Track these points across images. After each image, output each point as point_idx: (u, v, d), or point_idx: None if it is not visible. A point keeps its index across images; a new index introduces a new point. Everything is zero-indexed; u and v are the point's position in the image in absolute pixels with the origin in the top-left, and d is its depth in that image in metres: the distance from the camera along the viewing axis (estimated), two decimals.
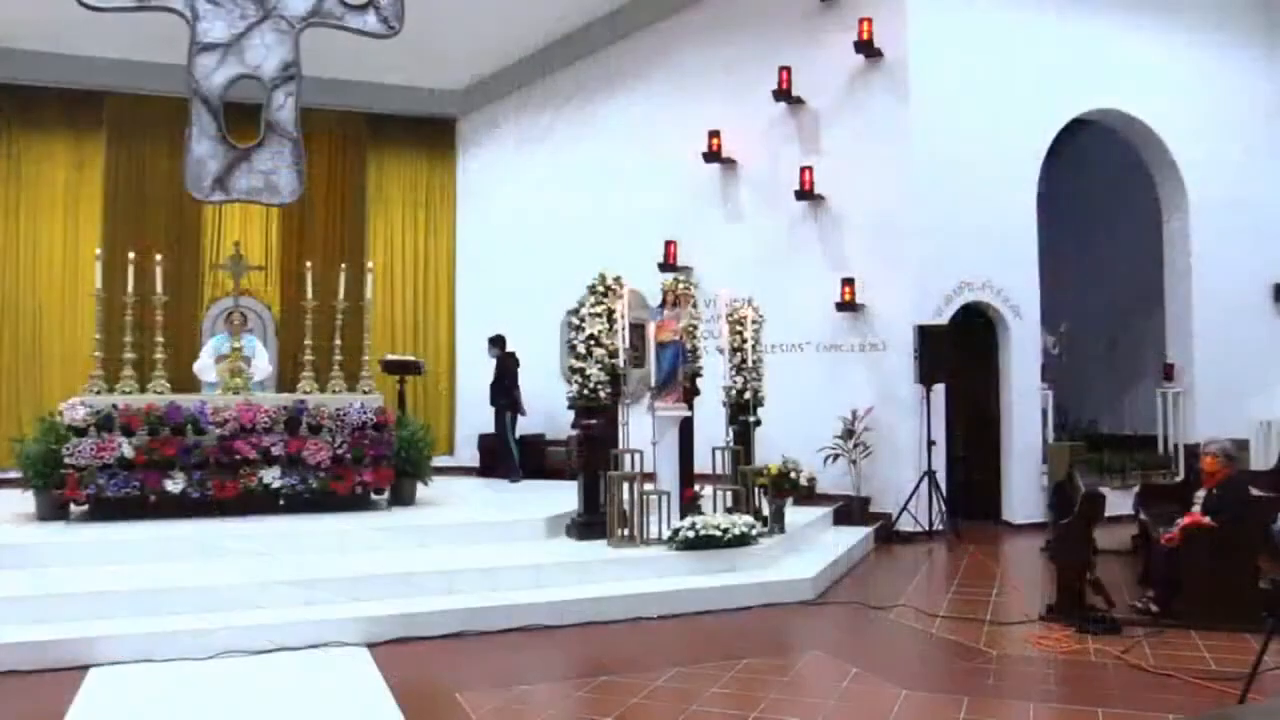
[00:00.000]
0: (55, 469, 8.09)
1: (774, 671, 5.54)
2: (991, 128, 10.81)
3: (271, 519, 8.18)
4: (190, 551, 7.21)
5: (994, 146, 10.82)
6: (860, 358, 10.85)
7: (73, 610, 5.96)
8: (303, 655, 5.78)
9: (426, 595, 6.64)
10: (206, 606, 6.16)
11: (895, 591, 7.66)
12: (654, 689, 5.21)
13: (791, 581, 7.45)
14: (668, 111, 12.39)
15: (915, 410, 10.35)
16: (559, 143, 13.48)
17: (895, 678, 5.38)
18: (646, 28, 12.70)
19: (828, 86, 11.18)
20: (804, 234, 11.31)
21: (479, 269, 14.23)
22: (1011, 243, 10.95)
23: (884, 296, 10.70)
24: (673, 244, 12.05)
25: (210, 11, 8.96)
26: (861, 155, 10.89)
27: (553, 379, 12.21)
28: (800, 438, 10.01)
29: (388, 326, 13.92)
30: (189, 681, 5.32)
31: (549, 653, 6.08)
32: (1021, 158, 11.08)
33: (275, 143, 9.15)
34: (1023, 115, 11.01)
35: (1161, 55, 11.79)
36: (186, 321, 12.73)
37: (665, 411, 8.46)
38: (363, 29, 9.45)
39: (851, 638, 6.47)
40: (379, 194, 14.28)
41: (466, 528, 8.27)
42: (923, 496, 10.15)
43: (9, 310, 12.60)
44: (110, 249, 10.19)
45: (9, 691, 5.19)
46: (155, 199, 13.04)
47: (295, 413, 8.66)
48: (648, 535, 7.81)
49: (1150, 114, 11.76)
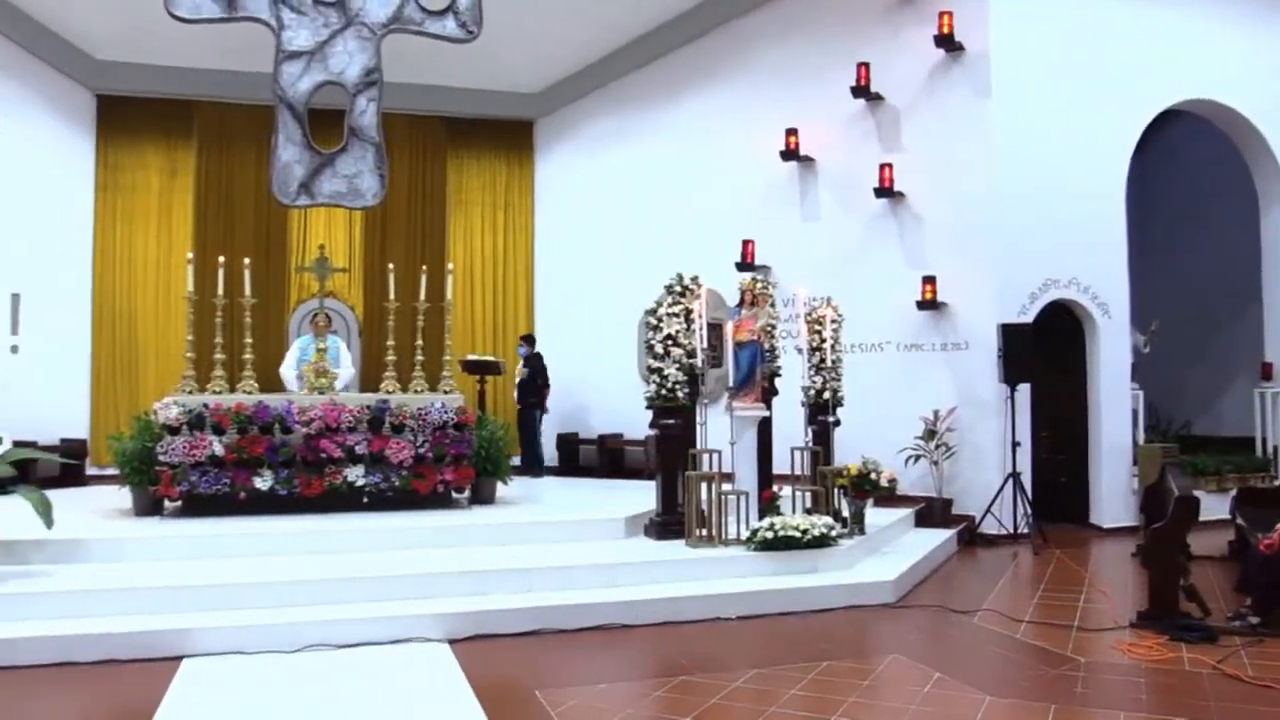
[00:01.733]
0: (150, 466, 8.36)
1: (854, 675, 5.47)
2: (1077, 121, 10.53)
3: (355, 517, 8.33)
4: (278, 547, 7.39)
5: (1080, 140, 10.54)
6: (941, 357, 10.67)
7: (167, 603, 6.15)
8: (386, 650, 5.88)
9: (506, 593, 6.70)
10: (294, 601, 6.30)
11: (979, 595, 7.51)
12: (732, 690, 5.19)
13: (872, 584, 7.35)
14: (745, 110, 12.34)
15: (999, 411, 10.14)
16: (636, 143, 13.51)
17: (978, 683, 5.27)
18: (722, 26, 12.67)
19: (907, 82, 11.02)
20: (883, 232, 11.16)
21: (557, 270, 14.36)
22: (1099, 239, 10.66)
23: (966, 295, 10.51)
24: (750, 243, 12.00)
25: (295, 21, 9.19)
26: (942, 151, 10.72)
27: (630, 379, 12.24)
28: (880, 438, 9.90)
29: (468, 327, 14.13)
30: (277, 674, 5.45)
31: (627, 652, 6.09)
32: (1109, 151, 10.78)
33: (358, 147, 9.34)
34: (1110, 107, 10.72)
35: (1257, 42, 11.37)
36: (273, 323, 13.08)
37: (743, 411, 8.42)
38: (442, 34, 9.59)
39: (933, 642, 6.36)
40: (458, 196, 14.49)
41: (546, 527, 8.33)
42: (1007, 499, 9.94)
43: (107, 313, 13.07)
44: (201, 253, 10.51)
45: (108, 679, 5.38)
46: (243, 204, 13.43)
47: (378, 412, 8.82)
48: (726, 535, 7.78)
49: (1246, 103, 11.36)
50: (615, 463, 13.05)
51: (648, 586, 6.96)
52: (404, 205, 13.93)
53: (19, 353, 12.04)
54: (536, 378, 12.82)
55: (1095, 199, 10.63)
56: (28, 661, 5.52)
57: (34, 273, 12.24)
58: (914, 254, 10.94)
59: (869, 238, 11.27)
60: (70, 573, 6.64)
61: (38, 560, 6.86)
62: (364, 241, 13.90)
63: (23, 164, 12.15)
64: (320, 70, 9.24)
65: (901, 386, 10.73)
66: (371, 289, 13.51)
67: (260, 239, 13.32)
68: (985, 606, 7.10)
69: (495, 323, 14.47)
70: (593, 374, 13.48)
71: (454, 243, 14.34)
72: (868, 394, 10.30)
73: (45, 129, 12.57)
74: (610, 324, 13.07)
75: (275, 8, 9.14)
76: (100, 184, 13.18)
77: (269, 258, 13.21)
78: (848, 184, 11.45)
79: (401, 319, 9.79)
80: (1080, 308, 10.71)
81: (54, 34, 12.41)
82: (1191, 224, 13.38)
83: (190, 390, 8.73)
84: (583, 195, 14.12)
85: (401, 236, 13.96)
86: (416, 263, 10.92)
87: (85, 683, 5.33)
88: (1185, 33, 11.04)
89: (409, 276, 10.03)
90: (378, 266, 12.77)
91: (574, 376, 13.48)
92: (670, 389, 8.13)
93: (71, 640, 5.64)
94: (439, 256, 13.34)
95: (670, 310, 8.22)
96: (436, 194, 14.32)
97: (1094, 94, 10.64)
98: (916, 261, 10.88)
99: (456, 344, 11.28)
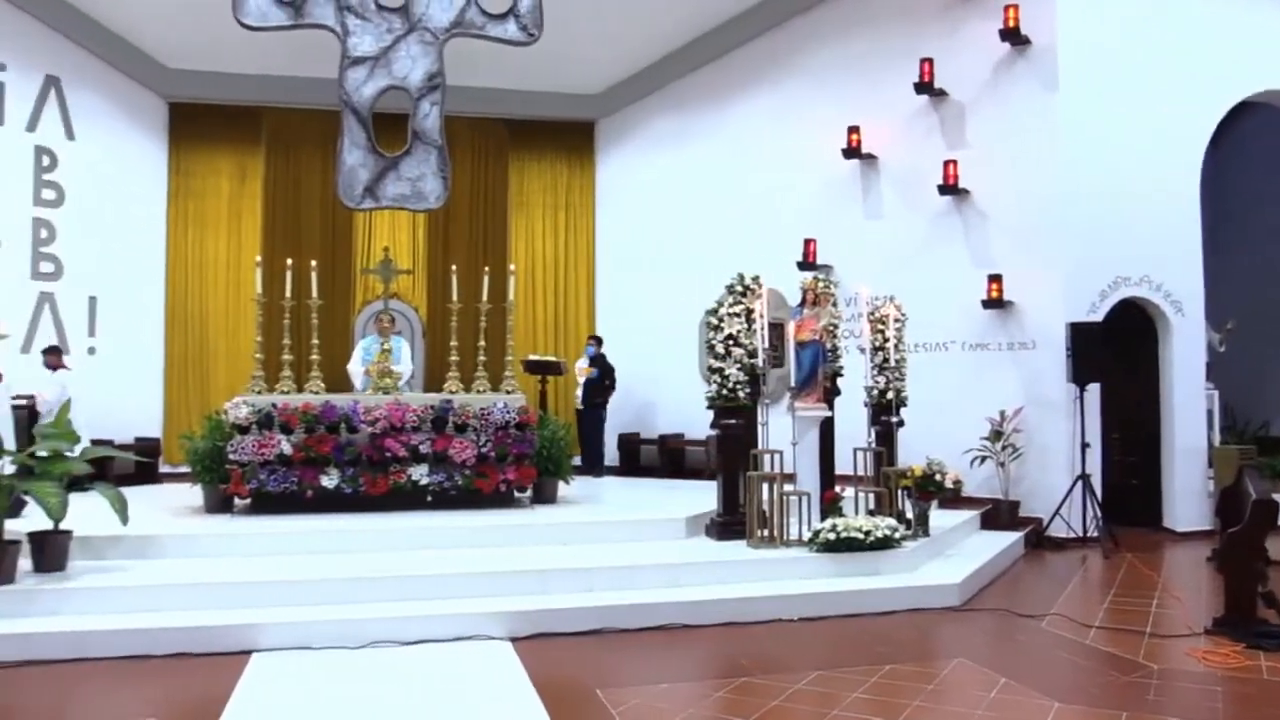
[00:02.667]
0: (221, 465, 8.55)
1: (918, 678, 5.39)
2: (1148, 114, 10.28)
3: (419, 515, 8.43)
4: (344, 545, 7.50)
5: (1151, 134, 10.29)
6: (1008, 357, 10.50)
7: (237, 598, 6.28)
8: (448, 647, 5.93)
9: (568, 592, 6.72)
10: (359, 598, 6.40)
11: (1047, 599, 7.36)
12: (794, 692, 5.15)
13: (936, 586, 7.25)
14: (806, 108, 12.27)
15: (1067, 411, 9.95)
16: (696, 143, 13.50)
17: (1046, 689, 5.16)
18: (782, 25, 12.61)
19: (971, 77, 10.86)
20: (948, 229, 11.01)
21: (618, 269, 14.41)
22: (1172, 235, 10.39)
23: (1033, 293, 10.32)
24: (812, 242, 11.92)
25: (360, 27, 9.33)
26: (1008, 147, 10.54)
27: (691, 379, 12.23)
28: (944, 439, 9.77)
29: (529, 328, 14.24)
30: (342, 669, 5.53)
31: (688, 652, 6.08)
32: (1182, 145, 10.50)
33: (421, 151, 9.47)
34: (1183, 100, 10.44)
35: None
36: (339, 324, 13.31)
37: (805, 412, 8.36)
38: (504, 37, 9.69)
39: (1000, 646, 6.25)
40: (520, 197, 14.60)
41: (607, 526, 8.35)
42: (1076, 501, 9.73)
43: (179, 316, 13.41)
44: (269, 256, 10.72)
45: (180, 672, 5.51)
46: (310, 208, 13.69)
47: (442, 412, 8.91)
48: (787, 536, 7.73)
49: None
50: (676, 463, 13.05)
51: (709, 587, 6.95)
52: (466, 207, 14.08)
53: (96, 354, 12.42)
54: (604, 378, 12.88)
55: (1167, 194, 10.37)
56: (103, 654, 5.67)
57: (110, 277, 12.63)
58: (979, 252, 10.77)
59: (932, 236, 11.13)
60: (144, 568, 6.82)
61: (113, 555, 7.05)
62: (427, 243, 14.08)
63: (100, 172, 12.54)
64: (384, 75, 9.38)
65: (967, 387, 10.58)
66: (435, 290, 13.69)
67: (326, 242, 13.57)
68: (1053, 611, 6.96)
69: (556, 323, 14.56)
70: (654, 374, 13.50)
71: (516, 244, 14.47)
72: (932, 394, 10.16)
73: (121, 137, 12.95)
74: (671, 324, 13.08)
75: (340, 14, 9.30)
76: (172, 190, 13.53)
77: (335, 260, 13.45)
78: (911, 181, 11.32)
79: (464, 320, 9.89)
80: (1152, 306, 10.46)
81: (129, 44, 12.79)
82: (1268, 218, 12.98)
83: (259, 390, 8.90)
84: (643, 195, 14.14)
85: (464, 238, 14.11)
86: (479, 264, 11.04)
87: (158, 675, 5.46)
88: (1258, 23, 10.70)
89: (471, 278, 10.15)
90: (441, 268, 12.94)
91: (635, 376, 13.50)
92: (731, 389, 8.11)
93: (145, 634, 5.79)
94: (501, 258, 13.47)
95: (731, 310, 8.21)
96: (498, 196, 14.45)
97: (1165, 86, 10.38)
98: (982, 260, 10.71)
99: (518, 344, 11.36)
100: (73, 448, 7.11)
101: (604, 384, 12.91)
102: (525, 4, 9.68)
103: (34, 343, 11.51)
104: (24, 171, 11.84)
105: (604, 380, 12.91)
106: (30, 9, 11.78)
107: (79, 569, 6.68)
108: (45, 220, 12.01)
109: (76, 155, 12.32)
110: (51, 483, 6.59)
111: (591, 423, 12.88)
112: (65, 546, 6.70)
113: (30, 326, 11.77)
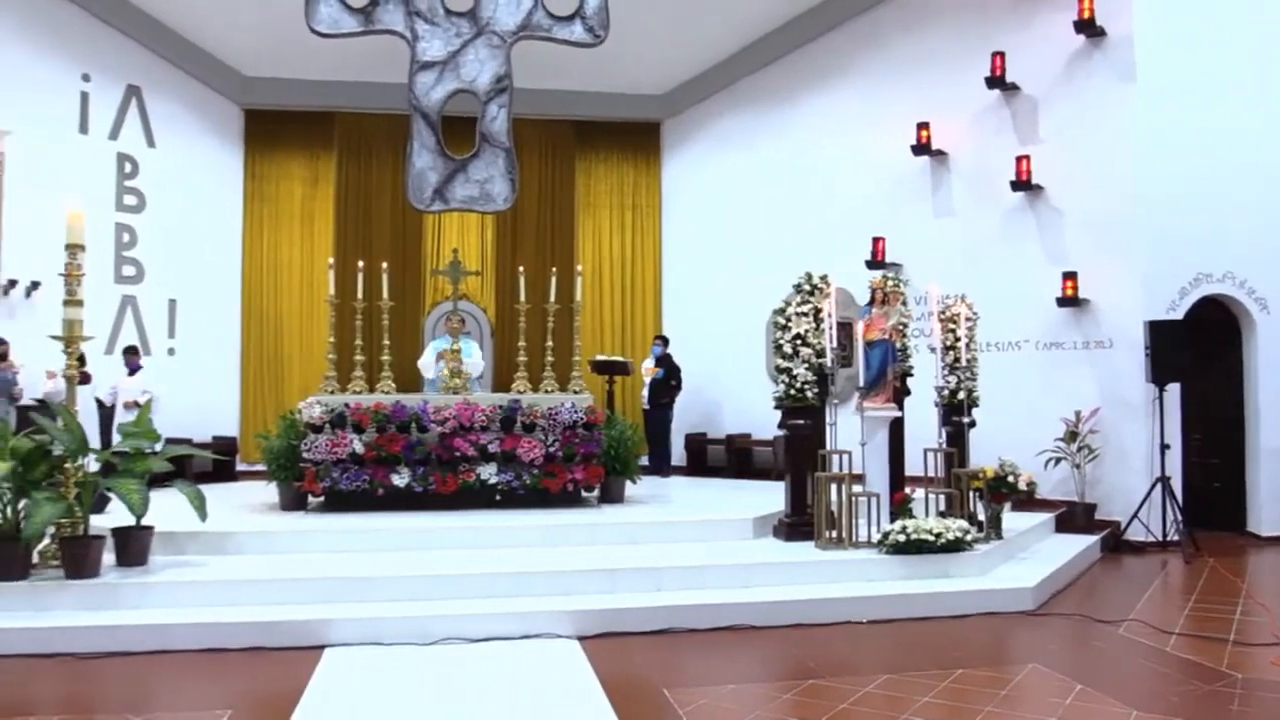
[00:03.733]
0: (295, 463, 8.73)
1: (990, 683, 5.30)
2: (1229, 105, 9.99)
3: (488, 514, 8.50)
4: (415, 543, 7.59)
5: (1233, 126, 9.99)
6: (1083, 356, 10.27)
7: (311, 594, 6.40)
8: (517, 645, 5.98)
9: (635, 591, 6.74)
10: (429, 595, 6.48)
11: (1124, 605, 7.18)
12: (863, 695, 5.09)
13: (1009, 590, 7.12)
14: (874, 104, 12.14)
15: (1146, 412, 9.70)
16: (762, 141, 13.44)
17: (1124, 697, 5.03)
18: (850, 21, 12.50)
19: (1045, 71, 10.64)
20: (1020, 226, 10.81)
21: (684, 269, 14.40)
22: (1257, 230, 10.07)
23: (1110, 291, 10.08)
24: (881, 240, 11.78)
25: (428, 31, 9.46)
26: (1083, 141, 10.31)
27: (759, 379, 12.17)
28: (1017, 440, 9.58)
29: (596, 328, 14.31)
30: (412, 665, 5.60)
31: (756, 653, 6.05)
32: (1267, 137, 10.16)
33: (489, 153, 9.57)
34: (1265, 89, 10.12)
35: None
36: (410, 325, 13.51)
37: (875, 412, 8.28)
38: (570, 39, 9.74)
39: (1075, 652, 6.10)
40: (587, 199, 14.68)
41: (674, 526, 8.34)
42: (1155, 504, 9.47)
43: (255, 317, 13.72)
44: (341, 258, 10.90)
45: (255, 665, 5.63)
46: (380, 210, 13.92)
47: (510, 412, 8.99)
48: (856, 538, 7.65)
49: None
50: (743, 463, 13.00)
51: (777, 588, 6.91)
52: (534, 209, 14.19)
53: (175, 355, 12.76)
54: (670, 377, 12.89)
55: (1252, 187, 10.05)
56: (182, 646, 5.83)
57: (189, 280, 12.97)
58: (1053, 249, 10.56)
59: (1005, 233, 10.93)
60: (222, 563, 6.98)
61: (192, 551, 7.25)
62: (495, 245, 14.22)
63: (178, 178, 12.89)
64: (453, 79, 9.50)
65: (1040, 386, 10.38)
66: (503, 291, 13.82)
67: (397, 244, 13.78)
68: (1132, 616, 6.78)
69: (623, 323, 14.61)
70: (721, 374, 13.47)
71: (583, 244, 14.54)
72: (1004, 394, 9.98)
73: (199, 144, 13.29)
74: (738, 324, 13.03)
75: (410, 20, 9.44)
76: (248, 194, 13.85)
77: (405, 262, 13.65)
78: (982, 177, 11.14)
79: (532, 320, 9.97)
80: (1236, 303, 10.15)
81: (207, 54, 13.14)
82: None
83: (332, 390, 9.06)
84: (710, 195, 14.11)
85: (531, 239, 14.22)
86: (546, 265, 11.11)
87: (235, 668, 5.59)
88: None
89: (539, 278, 10.22)
90: (509, 269, 13.06)
91: (702, 376, 13.48)
92: (799, 389, 8.06)
93: (223, 628, 5.93)
94: (568, 258, 13.55)
95: (799, 309, 8.15)
96: (565, 197, 14.54)
97: (1246, 75, 10.07)
98: (1056, 257, 10.50)
99: (585, 345, 11.41)
100: (154, 446, 7.33)
101: (670, 384, 12.91)
102: (591, 5, 9.72)
103: (116, 344, 11.87)
104: (107, 178, 12.22)
105: (670, 380, 12.92)
106: (113, 22, 12.15)
107: (160, 564, 6.88)
108: (127, 225, 12.38)
109: (156, 162, 12.68)
110: (134, 480, 6.79)
111: (658, 422, 12.90)
112: (147, 542, 6.89)
113: (113, 329, 12.15)
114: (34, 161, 11.18)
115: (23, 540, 6.37)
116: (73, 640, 5.79)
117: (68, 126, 11.84)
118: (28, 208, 10.93)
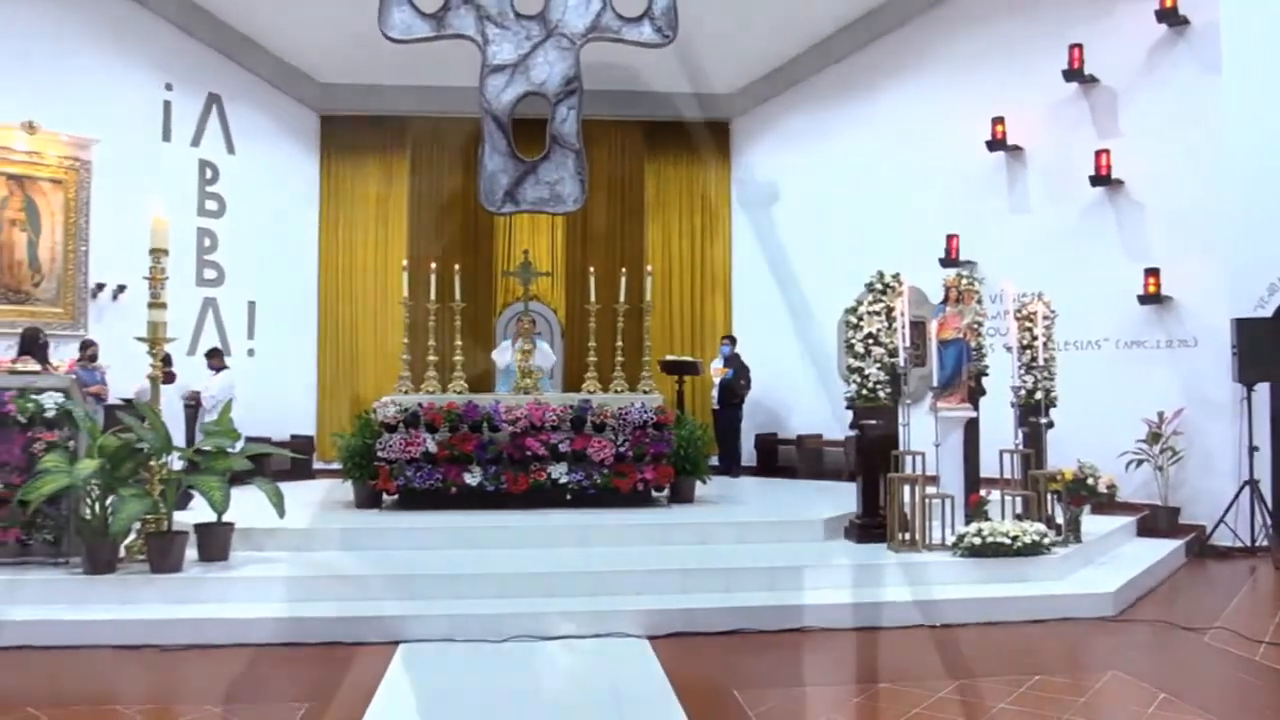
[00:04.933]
0: (370, 462, 8.88)
1: (1069, 691, 5.17)
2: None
3: (558, 513, 8.56)
4: (486, 541, 7.68)
5: None
6: (1166, 355, 9.99)
7: (385, 591, 6.51)
8: (588, 644, 6.00)
9: (705, 592, 6.72)
10: (500, 593, 6.55)
11: (1210, 612, 6.95)
12: (937, 700, 5.01)
13: (1088, 595, 6.95)
14: (947, 99, 11.94)
15: (1233, 412, 9.40)
16: (833, 139, 13.30)
17: (1210, 707, 4.87)
18: (921, 15, 12.32)
19: (1125, 62, 10.37)
20: (1100, 222, 10.55)
21: (754, 269, 14.30)
22: None
23: (1193, 288, 9.79)
24: (954, 237, 11.60)
25: (499, 35, 9.54)
26: (1166, 134, 10.03)
27: (830, 379, 12.05)
28: (1097, 441, 9.33)
29: (666, 328, 14.29)
30: (485, 663, 5.66)
31: (827, 656, 6.00)
32: None
33: (559, 155, 9.62)
34: None
35: None
36: (482, 325, 13.64)
37: (949, 412, 8.15)
38: (639, 40, 9.74)
39: (1158, 660, 5.94)
40: (657, 199, 14.68)
41: (744, 527, 8.30)
42: (1243, 508, 9.17)
43: (330, 318, 13.99)
44: (414, 260, 11.05)
45: (330, 661, 5.73)
46: (452, 212, 14.07)
47: (580, 411, 9.03)
48: (930, 540, 7.55)
49: None
50: (814, 463, 12.88)
51: (849, 590, 6.84)
52: (604, 209, 14.23)
53: (255, 356, 13.07)
54: (739, 377, 12.86)
55: None
56: (261, 640, 5.97)
57: (267, 282, 13.27)
58: (1134, 245, 10.29)
59: (1083, 229, 10.68)
60: (299, 559, 7.14)
61: (270, 547, 7.41)
62: (566, 246, 14.30)
63: (258, 183, 13.19)
64: (523, 81, 9.57)
65: (1121, 386, 10.11)
66: (573, 292, 13.90)
67: (469, 245, 13.93)
68: (1218, 624, 6.57)
69: (693, 323, 14.59)
70: (792, 374, 13.36)
71: (652, 245, 14.55)
72: (1083, 394, 9.73)
73: (276, 150, 13.59)
74: (810, 323, 12.91)
75: (480, 24, 9.53)
76: (324, 198, 14.11)
77: (477, 263, 13.77)
78: (1059, 173, 10.89)
79: (602, 321, 10.00)
80: None
81: (284, 62, 13.43)
82: None
83: (406, 390, 9.20)
84: (780, 193, 14.00)
85: (601, 240, 14.27)
86: (616, 265, 11.12)
87: (311, 663, 5.70)
88: None
89: (609, 279, 10.23)
90: (579, 270, 13.12)
91: (773, 376, 13.40)
92: (871, 389, 7.97)
93: (300, 623, 6.07)
94: (638, 259, 13.55)
95: (871, 308, 8.07)
96: (635, 197, 14.56)
97: None
98: (1137, 253, 10.23)
99: (655, 345, 11.41)
100: (234, 445, 7.52)
101: (740, 384, 12.86)
102: (660, 6, 9.71)
103: (199, 345, 12.19)
104: (189, 184, 12.55)
105: (740, 380, 12.87)
106: (195, 32, 12.49)
107: (240, 559, 7.05)
108: (208, 230, 12.71)
109: (236, 168, 12.99)
110: (215, 477, 6.98)
111: (728, 422, 12.85)
112: (227, 538, 7.08)
113: (195, 330, 12.48)
114: (120, 169, 11.51)
115: (110, 535, 6.60)
116: (157, 632, 5.97)
117: (152, 134, 12.18)
118: (114, 213, 11.27)
